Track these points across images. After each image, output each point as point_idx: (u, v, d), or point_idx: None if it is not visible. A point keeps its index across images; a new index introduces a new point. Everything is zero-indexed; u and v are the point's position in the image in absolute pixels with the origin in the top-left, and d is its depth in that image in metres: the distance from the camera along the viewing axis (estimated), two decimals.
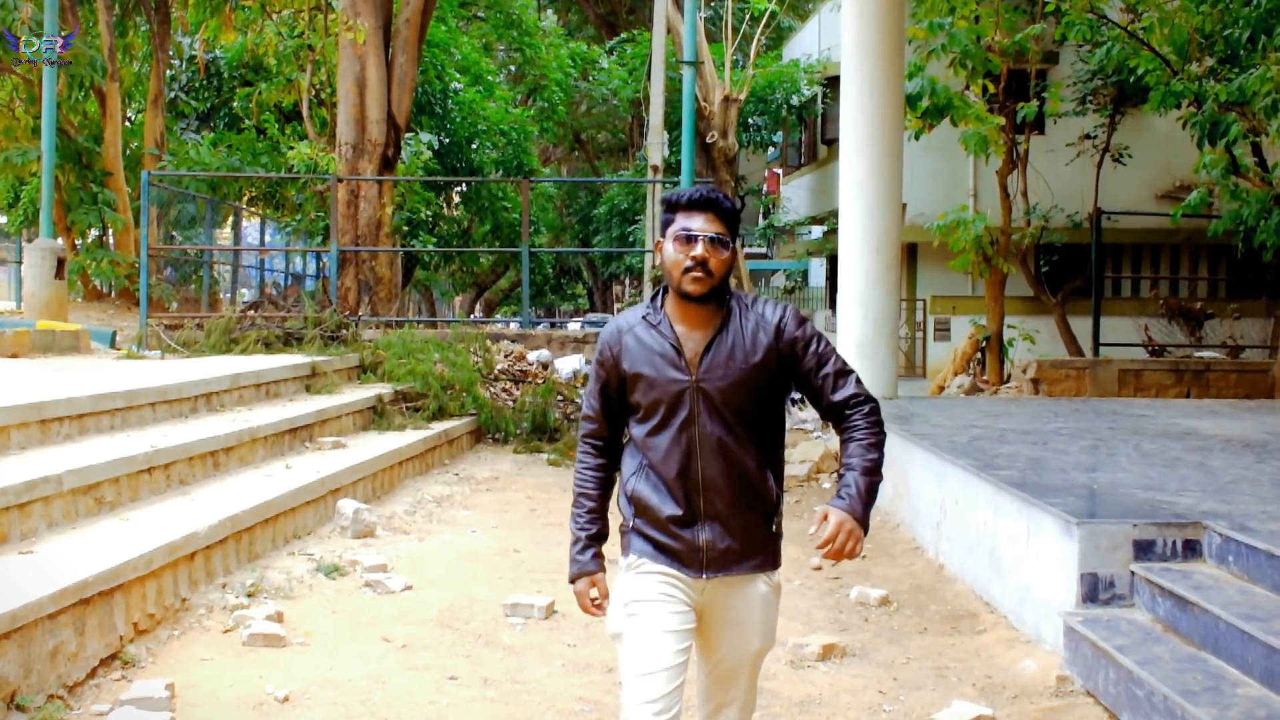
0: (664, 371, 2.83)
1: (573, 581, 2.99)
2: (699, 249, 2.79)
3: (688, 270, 2.79)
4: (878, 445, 2.92)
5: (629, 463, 2.97)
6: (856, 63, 10.14)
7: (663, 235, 2.90)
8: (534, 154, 25.38)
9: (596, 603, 2.96)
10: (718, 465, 2.83)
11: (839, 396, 2.90)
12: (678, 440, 2.83)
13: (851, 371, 2.96)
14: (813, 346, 2.89)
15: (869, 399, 2.94)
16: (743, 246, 22.47)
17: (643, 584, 2.87)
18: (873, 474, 2.88)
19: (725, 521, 2.84)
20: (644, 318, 2.91)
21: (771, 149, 28.49)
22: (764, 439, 2.90)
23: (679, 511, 2.84)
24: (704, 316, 2.86)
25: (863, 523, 2.79)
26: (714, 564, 2.85)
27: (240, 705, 4.37)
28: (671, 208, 2.89)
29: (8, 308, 19.52)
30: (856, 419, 2.91)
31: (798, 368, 2.89)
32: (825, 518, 2.76)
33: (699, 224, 2.82)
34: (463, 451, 10.73)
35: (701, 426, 2.82)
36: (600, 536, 2.99)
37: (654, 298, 2.95)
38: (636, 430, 2.92)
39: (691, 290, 2.80)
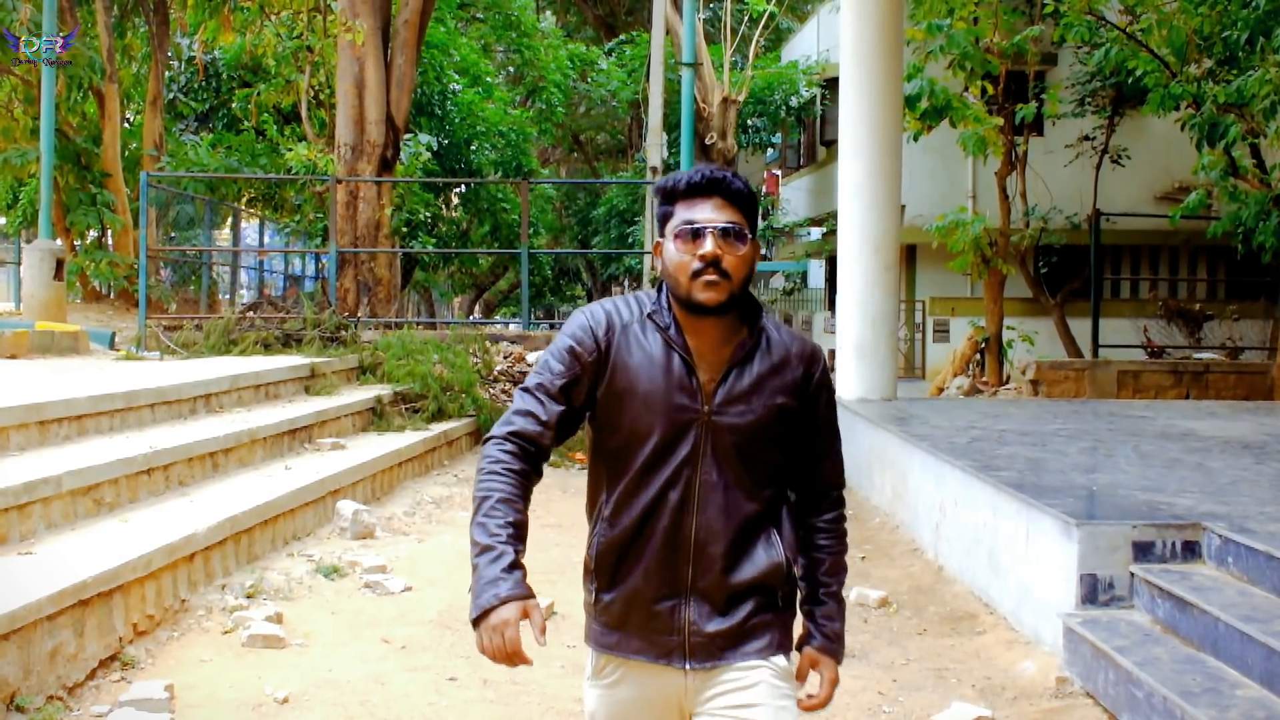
0: (669, 393, 2.21)
1: (487, 613, 2.08)
2: (708, 245, 2.17)
3: (697, 274, 2.18)
4: (845, 558, 2.45)
5: (592, 511, 2.33)
6: (855, 64, 10.14)
7: (661, 234, 2.29)
8: (533, 155, 25.38)
9: (536, 638, 2.10)
10: (718, 524, 2.24)
11: (826, 479, 2.41)
12: (671, 487, 2.22)
13: (841, 450, 2.47)
14: (827, 403, 2.39)
15: (843, 491, 2.50)
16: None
17: (612, 709, 2.32)
18: (843, 599, 2.43)
19: (717, 597, 2.25)
20: (650, 315, 2.26)
21: (770, 150, 28.51)
22: (777, 495, 2.35)
23: (658, 582, 2.25)
24: (722, 332, 2.26)
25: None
26: (700, 651, 2.25)
27: (240, 706, 4.37)
28: (669, 197, 2.27)
29: (7, 309, 19.51)
30: (832, 517, 2.42)
31: (811, 420, 2.35)
32: (814, 665, 2.38)
33: (706, 213, 2.21)
34: (462, 453, 10.73)
35: (705, 473, 2.22)
36: (521, 558, 2.17)
37: (656, 294, 2.32)
38: (609, 465, 2.27)
39: (706, 299, 2.18)
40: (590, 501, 2.37)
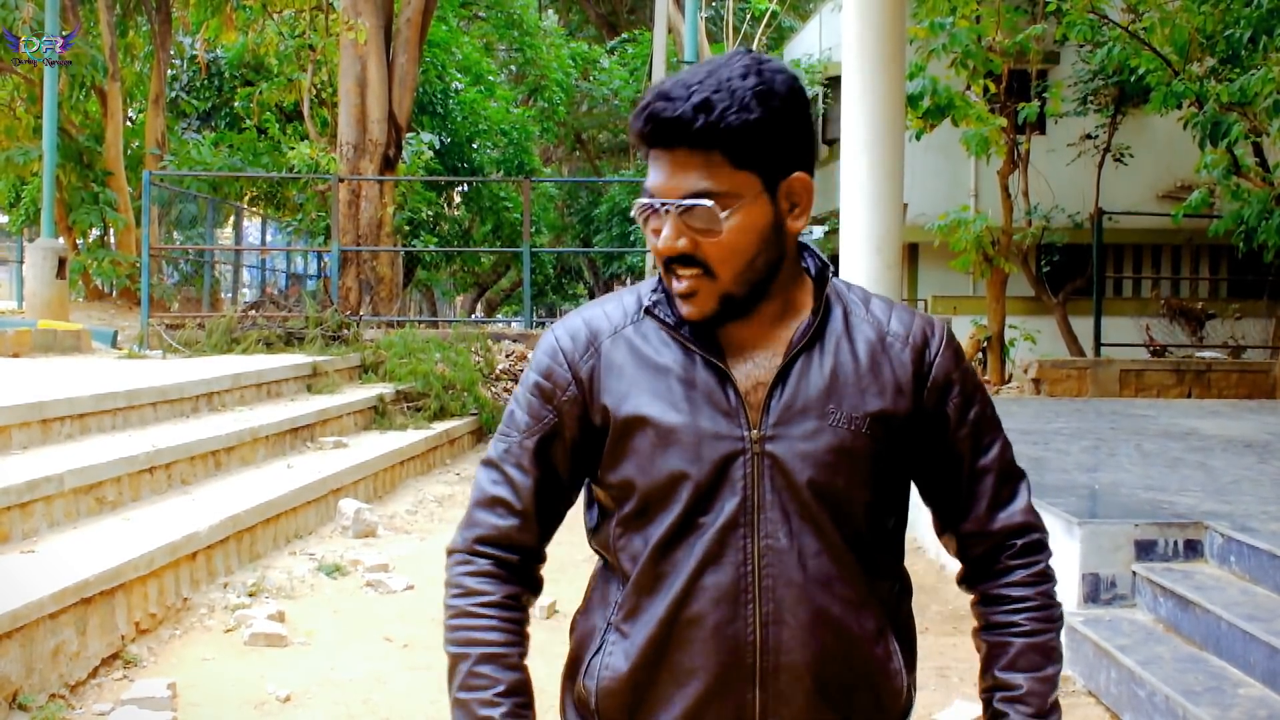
0: (695, 419, 1.45)
1: None
2: (665, 233, 1.43)
3: (669, 269, 1.46)
4: (1056, 641, 1.58)
5: (595, 617, 1.57)
6: (858, 62, 10.13)
7: None
8: (535, 154, 25.37)
9: None
10: (799, 618, 1.44)
11: (1002, 520, 1.57)
12: (712, 565, 1.44)
13: (1023, 474, 1.63)
14: (973, 405, 1.57)
15: (1043, 535, 1.62)
16: None
17: None
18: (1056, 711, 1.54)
19: None
20: (648, 310, 1.52)
21: None
22: (884, 568, 1.53)
23: None
24: (764, 319, 1.50)
25: None
26: None
27: (242, 704, 4.37)
28: (641, 141, 1.46)
29: (9, 307, 19.53)
30: (1023, 578, 1.58)
31: (940, 436, 1.55)
32: None
33: (660, 178, 1.43)
34: (464, 451, 10.73)
35: (767, 536, 1.44)
36: None
37: (660, 281, 1.54)
38: (619, 546, 1.52)
39: (686, 314, 1.47)
40: (585, 607, 1.60)
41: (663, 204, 1.42)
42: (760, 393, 1.46)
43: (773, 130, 1.41)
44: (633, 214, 1.49)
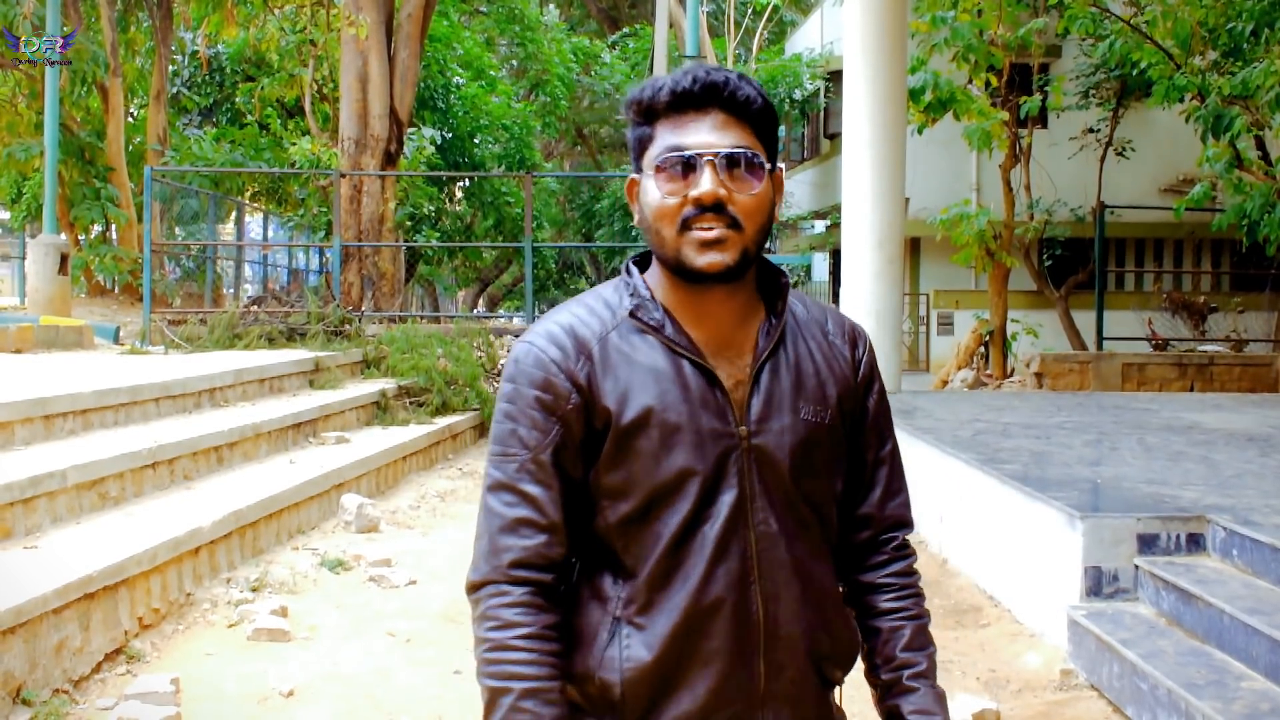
0: (695, 418, 1.54)
1: None
2: (706, 181, 1.51)
3: (689, 224, 1.52)
4: (927, 622, 1.77)
5: (591, 614, 1.59)
6: (860, 57, 10.13)
7: (635, 168, 1.61)
8: (536, 149, 25.35)
9: None
10: (791, 593, 1.58)
11: (892, 509, 1.73)
12: (725, 553, 1.54)
13: (903, 468, 1.78)
14: (884, 401, 1.73)
15: (912, 529, 1.78)
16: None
17: None
18: (939, 685, 1.75)
19: (798, 701, 1.61)
20: (633, 313, 1.57)
21: None
22: (834, 538, 1.70)
23: (721, 698, 1.56)
24: (735, 313, 1.60)
25: None
26: None
27: (245, 699, 4.38)
28: (646, 113, 1.58)
29: (11, 303, 19.55)
30: (904, 568, 1.75)
31: (859, 427, 1.70)
32: None
33: (702, 135, 1.54)
34: (466, 446, 10.74)
35: (761, 523, 1.56)
36: None
37: (628, 280, 1.62)
38: (621, 545, 1.57)
39: (705, 264, 1.52)
40: (581, 604, 1.60)
41: (715, 153, 1.51)
42: (741, 391, 1.57)
43: (775, 123, 1.59)
44: (655, 163, 1.55)
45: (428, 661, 4.88)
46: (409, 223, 18.06)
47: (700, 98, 1.54)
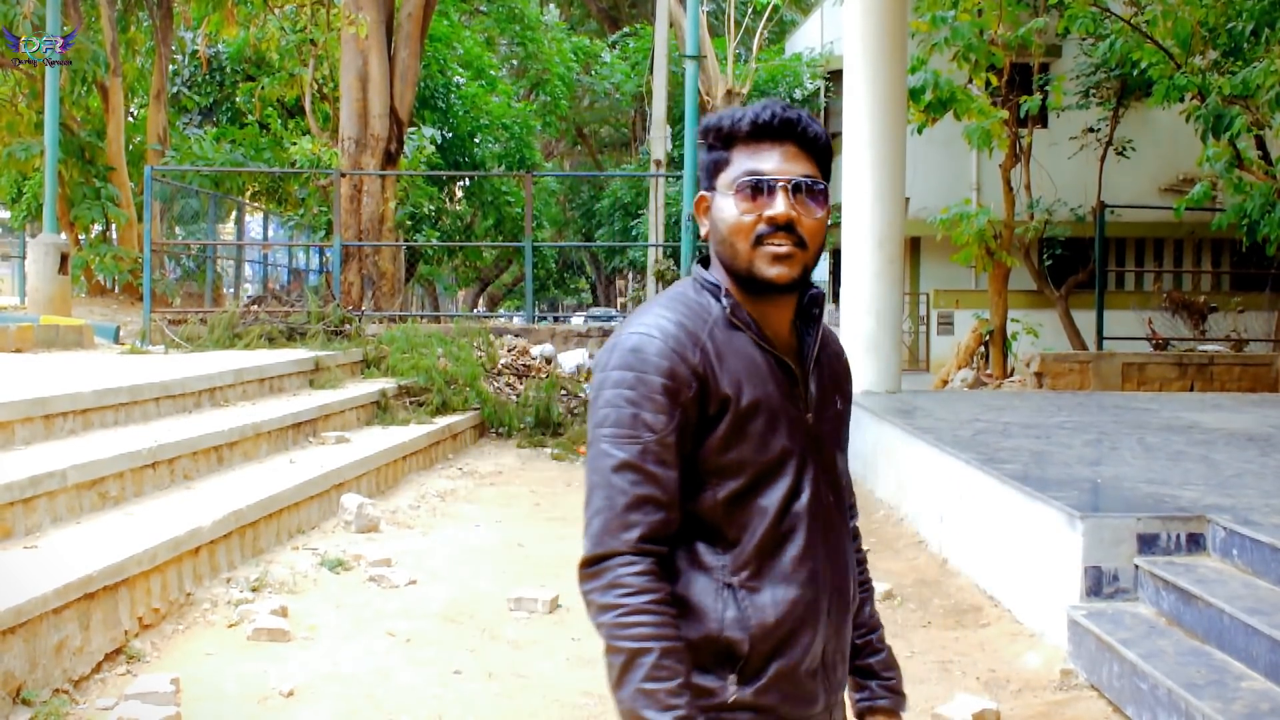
0: (786, 403, 1.77)
1: None
2: (780, 204, 1.73)
3: (762, 240, 1.74)
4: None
5: (698, 583, 1.74)
6: (860, 56, 10.12)
7: (707, 186, 1.81)
8: (536, 148, 25.37)
9: None
10: (843, 551, 1.86)
11: (849, 500, 1.99)
12: (810, 521, 1.77)
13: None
14: (850, 408, 1.98)
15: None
16: None
17: None
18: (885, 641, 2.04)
19: (847, 650, 1.89)
20: (730, 314, 1.78)
21: None
22: None
23: (814, 645, 1.78)
24: (787, 317, 1.84)
25: None
26: (837, 707, 1.89)
27: (245, 699, 4.38)
28: (725, 139, 1.79)
29: (12, 303, 19.55)
30: (860, 544, 2.06)
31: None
32: None
33: (775, 162, 1.75)
34: (466, 446, 10.74)
35: (821, 497, 1.81)
36: None
37: (707, 283, 1.81)
38: (725, 519, 1.75)
39: (775, 275, 1.74)
40: (683, 573, 1.75)
41: (789, 179, 1.74)
42: (802, 384, 1.81)
43: (831, 157, 1.83)
44: (734, 185, 1.75)
45: (428, 661, 4.88)
46: (409, 222, 18.08)
47: (777, 130, 1.76)
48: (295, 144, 16.33)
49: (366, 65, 15.11)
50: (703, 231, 1.83)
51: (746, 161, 1.75)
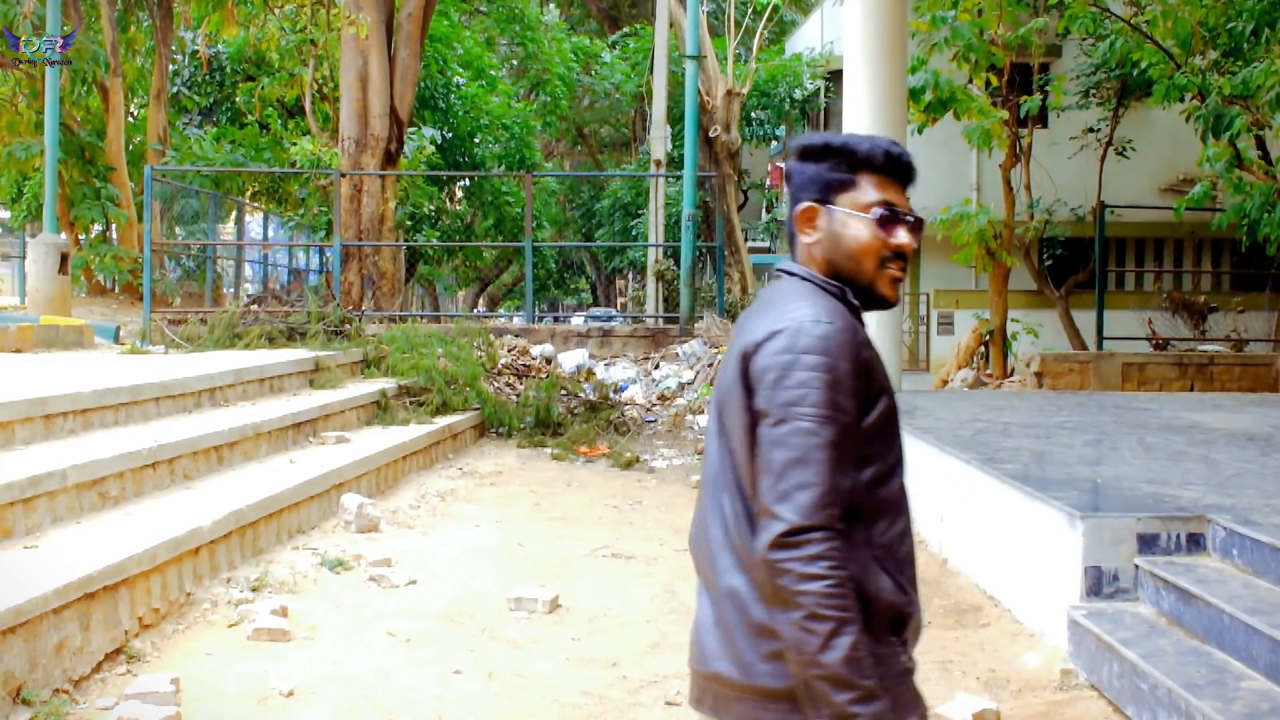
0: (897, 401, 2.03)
1: None
2: (905, 236, 1.97)
3: (886, 264, 1.98)
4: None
5: (860, 557, 1.90)
6: (860, 56, 10.12)
7: (823, 198, 1.99)
8: (536, 148, 25.37)
9: None
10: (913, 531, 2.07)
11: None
12: (907, 504, 2.00)
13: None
14: None
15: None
16: (746, 240, 22.47)
17: None
18: None
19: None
20: (859, 318, 2.01)
21: (774, 143, 28.49)
22: None
23: (918, 611, 2.01)
24: None
25: None
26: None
27: (245, 699, 4.38)
28: (855, 163, 1.99)
29: (12, 303, 19.55)
30: None
31: None
32: None
33: (898, 196, 2.00)
34: (466, 446, 10.74)
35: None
36: None
37: (838, 292, 2.00)
38: (871, 495, 1.93)
39: (892, 296, 2.00)
40: (848, 557, 1.85)
41: (917, 218, 1.99)
42: None
43: None
44: (872, 211, 1.96)
45: (428, 661, 4.88)
46: (409, 222, 18.08)
47: (903, 170, 1.98)
48: (295, 144, 16.32)
49: (366, 65, 15.10)
50: (807, 240, 2.00)
51: (875, 191, 1.96)
